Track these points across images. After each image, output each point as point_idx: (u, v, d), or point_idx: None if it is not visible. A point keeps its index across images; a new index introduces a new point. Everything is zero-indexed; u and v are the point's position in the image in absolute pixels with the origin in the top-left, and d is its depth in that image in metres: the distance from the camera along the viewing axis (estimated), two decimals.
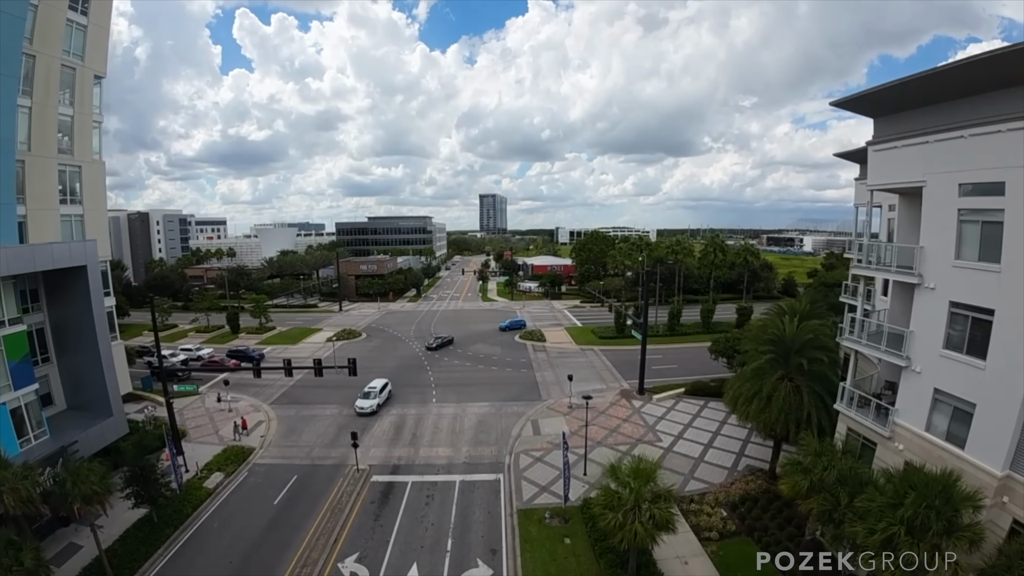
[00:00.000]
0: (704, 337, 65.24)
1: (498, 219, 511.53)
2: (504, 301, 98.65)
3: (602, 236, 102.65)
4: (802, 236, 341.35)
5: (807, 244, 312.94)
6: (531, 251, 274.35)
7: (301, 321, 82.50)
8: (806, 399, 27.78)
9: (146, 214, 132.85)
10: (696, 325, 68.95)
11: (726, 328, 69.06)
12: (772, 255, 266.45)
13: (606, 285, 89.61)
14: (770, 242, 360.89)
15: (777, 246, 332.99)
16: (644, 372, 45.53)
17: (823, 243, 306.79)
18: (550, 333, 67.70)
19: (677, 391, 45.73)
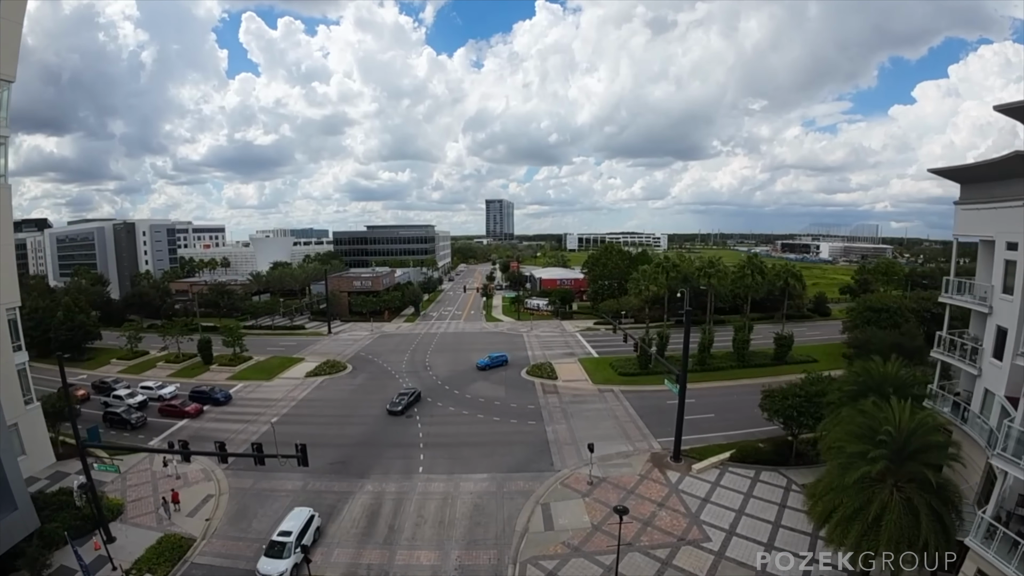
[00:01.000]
0: (741, 373, 56.32)
1: (505, 224, 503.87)
2: (510, 321, 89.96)
3: (617, 249, 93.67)
4: (817, 242, 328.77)
5: (824, 251, 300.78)
6: (539, 258, 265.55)
7: (284, 347, 74.34)
8: (924, 522, 19.06)
9: (132, 224, 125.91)
10: (728, 356, 59.86)
11: (762, 358, 60.25)
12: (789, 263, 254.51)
13: (622, 305, 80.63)
14: (784, 248, 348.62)
15: (792, 253, 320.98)
16: (681, 434, 36.63)
17: (840, 250, 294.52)
18: (562, 367, 58.80)
19: (721, 457, 36.77)
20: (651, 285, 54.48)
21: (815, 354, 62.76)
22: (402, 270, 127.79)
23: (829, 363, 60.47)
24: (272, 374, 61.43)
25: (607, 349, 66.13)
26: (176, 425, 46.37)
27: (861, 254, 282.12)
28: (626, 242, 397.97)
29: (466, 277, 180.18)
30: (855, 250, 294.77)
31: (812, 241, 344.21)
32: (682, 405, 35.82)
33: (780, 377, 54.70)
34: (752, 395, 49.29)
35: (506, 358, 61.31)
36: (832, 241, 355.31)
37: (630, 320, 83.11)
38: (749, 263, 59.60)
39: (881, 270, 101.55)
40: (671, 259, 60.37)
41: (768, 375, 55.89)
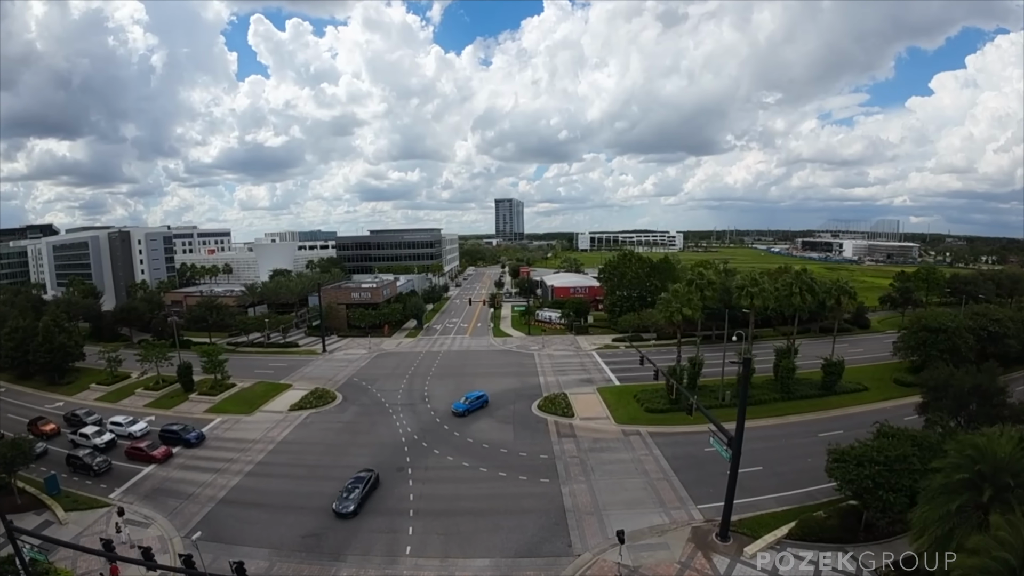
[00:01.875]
0: (786, 408, 48.74)
1: (515, 223, 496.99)
2: (519, 336, 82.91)
3: (636, 257, 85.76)
4: (840, 240, 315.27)
5: (847, 249, 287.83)
6: (550, 260, 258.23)
7: (272, 370, 68.17)
8: None
9: (127, 232, 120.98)
10: (768, 384, 52.24)
11: (807, 386, 52.24)
12: (812, 263, 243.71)
13: (644, 320, 73.32)
14: (805, 247, 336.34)
15: (814, 251, 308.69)
16: (731, 508, 29.38)
17: (864, 248, 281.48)
18: (579, 400, 51.58)
19: (777, 535, 29.46)
20: (684, 308, 46.95)
21: (863, 379, 55.33)
22: (406, 277, 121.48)
23: (881, 391, 53.48)
24: (253, 406, 55.21)
25: (630, 374, 58.82)
26: (142, 472, 40.58)
27: (886, 252, 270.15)
28: (640, 241, 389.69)
29: (474, 282, 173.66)
30: (880, 248, 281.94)
31: (833, 239, 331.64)
32: (735, 475, 28.51)
33: (831, 413, 48.08)
34: (803, 438, 42.14)
35: (486, 399, 51.34)
36: (853, 238, 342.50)
37: (653, 336, 75.81)
38: (797, 279, 51.79)
39: (921, 276, 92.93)
40: (706, 275, 52.51)
41: (817, 408, 49.04)
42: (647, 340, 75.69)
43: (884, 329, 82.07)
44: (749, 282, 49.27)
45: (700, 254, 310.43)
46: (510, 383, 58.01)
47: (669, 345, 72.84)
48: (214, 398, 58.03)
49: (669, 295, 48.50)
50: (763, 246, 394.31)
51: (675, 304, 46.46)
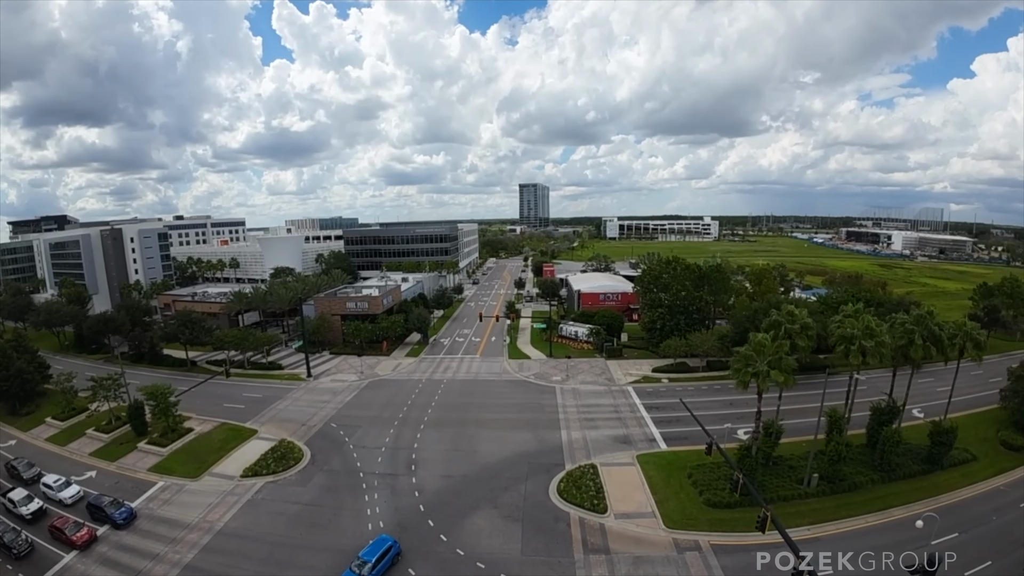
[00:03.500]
0: (889, 494, 35.39)
1: (540, 208, 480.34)
2: (539, 358, 69.65)
3: (682, 265, 69.41)
4: (887, 232, 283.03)
5: (896, 242, 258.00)
6: (576, 250, 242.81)
7: (244, 404, 57.40)
8: None
9: (118, 230, 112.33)
10: (860, 453, 38.29)
11: (908, 456, 37.82)
12: (861, 259, 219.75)
13: (693, 344, 59.04)
14: (849, 237, 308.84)
15: (860, 244, 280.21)
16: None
17: (914, 241, 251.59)
18: (613, 476, 38.22)
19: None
20: (775, 372, 32.88)
21: (964, 437, 41.15)
22: (415, 277, 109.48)
23: (989, 459, 40.32)
24: (203, 465, 44.49)
25: (678, 428, 45.39)
26: (60, 562, 32.82)
27: (938, 247, 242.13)
28: (672, 229, 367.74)
29: (494, 277, 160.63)
30: (931, 242, 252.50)
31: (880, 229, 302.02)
32: None
33: (940, 500, 35.26)
34: (913, 544, 28.66)
35: (397, 550, 30.46)
36: (895, 226, 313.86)
37: (701, 364, 61.66)
38: (919, 326, 37.05)
39: (1006, 291, 75.60)
40: (798, 318, 38.02)
41: (922, 493, 36.02)
42: (695, 369, 61.63)
43: (973, 356, 65.11)
44: (862, 331, 34.53)
45: (739, 245, 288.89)
46: (523, 441, 45.06)
47: (723, 378, 58.94)
48: (163, 449, 47.89)
49: (749, 349, 34.35)
50: (804, 235, 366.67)
51: (760, 366, 32.26)
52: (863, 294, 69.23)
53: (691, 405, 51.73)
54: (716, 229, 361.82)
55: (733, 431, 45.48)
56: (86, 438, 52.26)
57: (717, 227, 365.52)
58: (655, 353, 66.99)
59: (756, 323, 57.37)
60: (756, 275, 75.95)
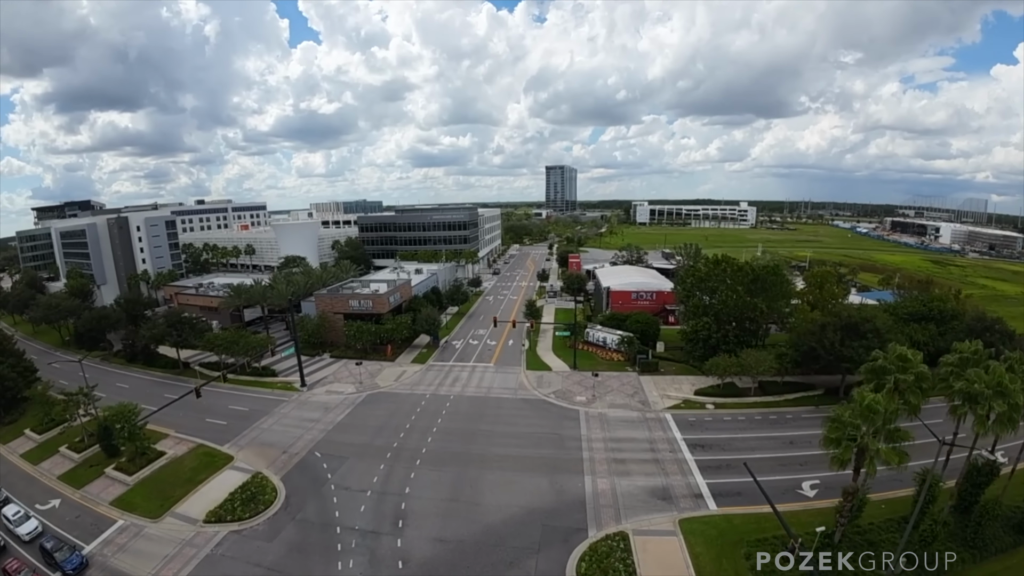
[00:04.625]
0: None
1: (567, 191, 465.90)
2: (562, 369, 60.81)
3: (734, 267, 58.01)
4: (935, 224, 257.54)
5: (944, 235, 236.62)
6: (604, 237, 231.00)
7: (226, 420, 51.19)
8: None
9: (124, 218, 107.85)
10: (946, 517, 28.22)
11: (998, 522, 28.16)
12: (909, 252, 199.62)
13: (746, 365, 49.12)
14: (894, 227, 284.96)
15: (907, 235, 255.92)
16: None
17: (964, 235, 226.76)
18: (648, 554, 29.21)
19: None
20: (888, 453, 23.30)
21: None
22: (430, 268, 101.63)
23: None
24: (169, 501, 38.70)
25: (731, 479, 36.15)
26: None
27: (988, 242, 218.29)
28: (706, 215, 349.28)
29: (516, 266, 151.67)
30: (981, 237, 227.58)
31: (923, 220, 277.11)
32: None
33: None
34: None
35: None
36: (938, 217, 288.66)
37: (752, 385, 51.84)
38: None
39: None
40: (913, 366, 27.95)
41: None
42: (745, 392, 51.81)
43: None
44: (992, 389, 24.25)
45: (778, 233, 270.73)
46: (537, 490, 36.57)
47: (779, 405, 49.11)
48: (129, 478, 42.26)
49: (851, 414, 24.61)
50: (845, 224, 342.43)
51: (869, 440, 22.57)
52: (935, 305, 57.97)
53: (743, 442, 42.88)
54: (753, 215, 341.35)
55: (796, 485, 36.14)
56: (59, 456, 47.75)
57: (754, 213, 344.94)
58: (697, 368, 57.36)
59: (824, 342, 47.39)
60: (817, 278, 64.70)
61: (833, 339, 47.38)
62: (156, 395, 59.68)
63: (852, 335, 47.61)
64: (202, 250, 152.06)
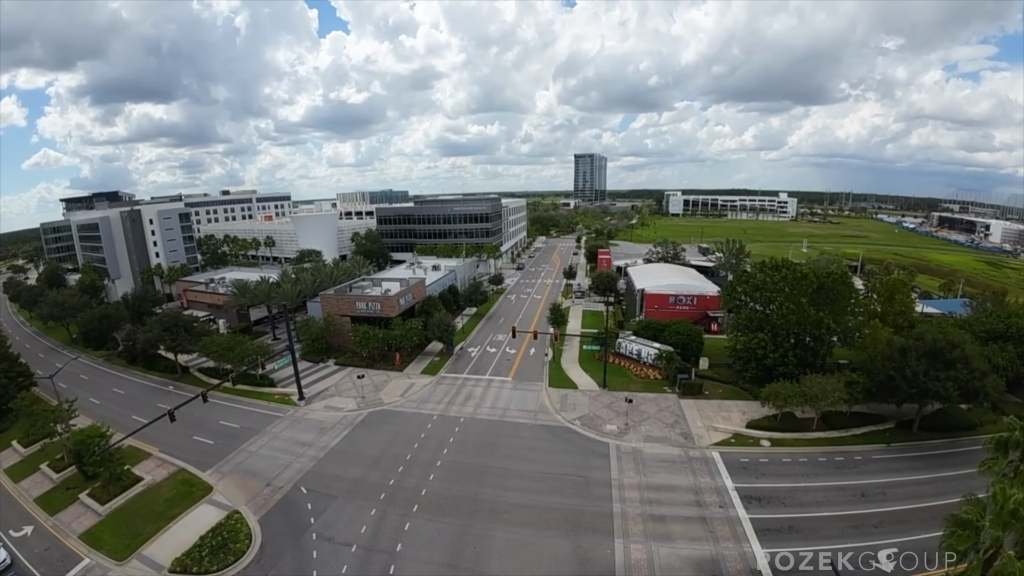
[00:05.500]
0: None
1: (596, 179, 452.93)
2: (589, 388, 53.38)
3: (798, 273, 48.10)
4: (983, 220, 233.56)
5: (994, 232, 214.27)
6: (636, 229, 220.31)
7: (213, 440, 46.23)
8: None
9: (137, 211, 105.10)
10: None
11: None
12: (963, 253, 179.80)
13: (809, 393, 40.75)
14: (942, 223, 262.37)
15: (956, 232, 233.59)
16: None
17: (1014, 234, 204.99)
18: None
19: None
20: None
21: None
22: (448, 265, 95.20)
23: None
24: (137, 540, 34.04)
25: (795, 546, 28.42)
26: None
27: None
28: (743, 206, 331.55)
29: (542, 260, 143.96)
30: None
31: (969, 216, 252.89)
32: None
33: None
34: None
35: None
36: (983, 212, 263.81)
37: (813, 415, 43.43)
38: None
39: None
40: None
41: None
42: (805, 425, 43.47)
43: None
44: None
45: (821, 227, 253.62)
46: (555, 557, 29.44)
47: (844, 443, 40.66)
48: (102, 507, 37.86)
49: (971, 509, 16.63)
50: (891, 218, 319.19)
51: (1006, 560, 14.66)
52: (1014, 322, 48.77)
53: (806, 494, 34.82)
54: (793, 207, 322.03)
55: (872, 555, 28.33)
56: (40, 474, 43.95)
57: (794, 205, 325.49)
58: (748, 392, 49.11)
59: (906, 372, 38.68)
60: (886, 287, 55.07)
61: (916, 369, 38.67)
62: (151, 404, 55.48)
63: (938, 363, 38.88)
64: (222, 242, 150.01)
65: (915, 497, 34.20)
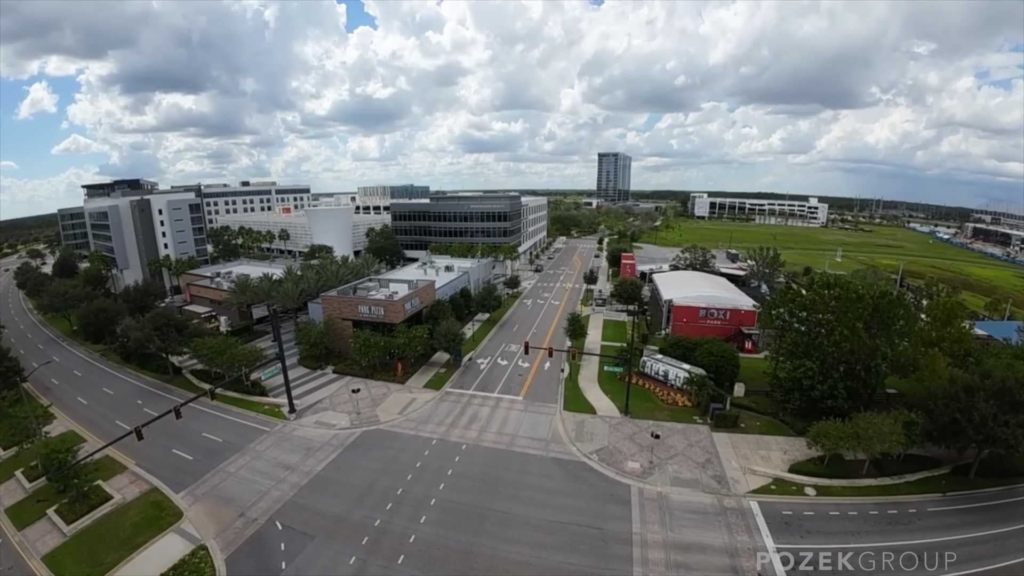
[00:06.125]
0: None
1: (620, 179, 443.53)
2: (609, 413, 47.62)
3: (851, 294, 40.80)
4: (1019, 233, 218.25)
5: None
6: (660, 232, 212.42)
7: (193, 455, 42.42)
8: None
9: (146, 201, 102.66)
10: None
11: None
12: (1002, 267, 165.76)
13: (864, 432, 34.42)
14: (976, 235, 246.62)
15: (991, 245, 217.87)
16: None
17: None
18: None
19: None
20: None
21: None
22: (462, 265, 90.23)
23: None
24: (99, 569, 30.77)
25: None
26: None
27: None
28: (771, 210, 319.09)
29: (561, 263, 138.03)
30: None
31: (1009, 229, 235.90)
32: None
33: None
34: None
35: None
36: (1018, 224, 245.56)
37: (864, 458, 37.08)
38: None
39: None
40: None
41: None
42: (855, 470, 37.22)
43: None
44: None
45: (854, 235, 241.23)
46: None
47: (897, 492, 34.32)
48: (68, 526, 34.67)
49: None
50: (923, 227, 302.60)
51: None
52: None
53: (856, 557, 28.87)
54: (824, 213, 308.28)
55: None
56: (14, 481, 41.02)
57: (825, 211, 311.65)
58: (789, 426, 42.99)
59: (973, 416, 32.54)
60: (943, 310, 48.15)
61: (985, 412, 32.74)
62: (137, 409, 52.16)
63: (1008, 406, 33.10)
64: (236, 233, 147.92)
65: (975, 559, 29.07)
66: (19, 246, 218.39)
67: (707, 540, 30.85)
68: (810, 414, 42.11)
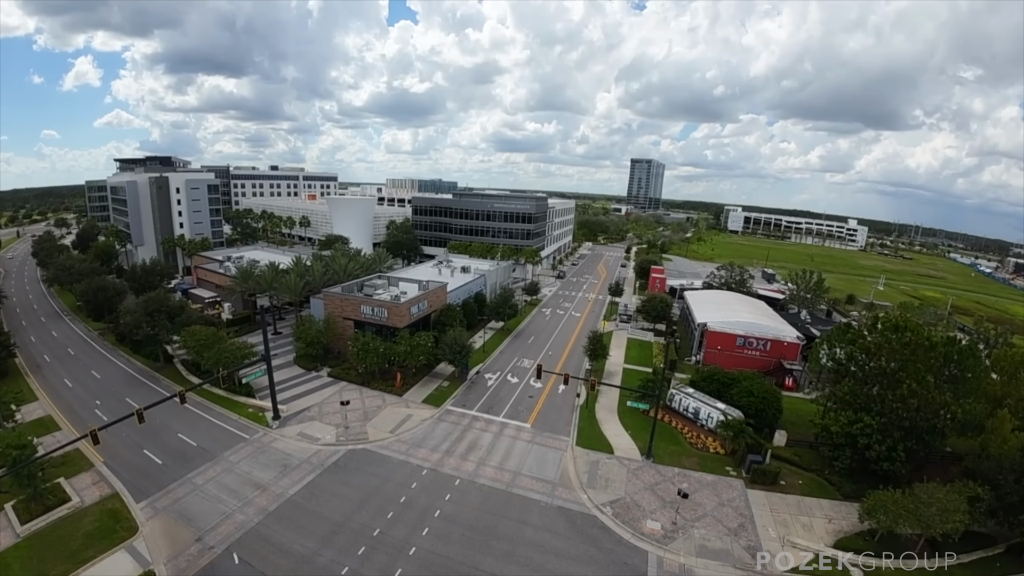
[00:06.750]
0: None
1: (651, 187, 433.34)
2: (629, 455, 41.69)
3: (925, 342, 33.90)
4: None
5: None
6: (692, 244, 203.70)
7: (162, 460, 38.65)
8: None
9: (165, 178, 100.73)
10: None
11: None
12: None
13: (926, 522, 28.02)
14: (1018, 271, 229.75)
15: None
16: None
17: None
18: None
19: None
20: None
21: None
22: (479, 268, 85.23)
23: None
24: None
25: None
26: None
27: None
28: (808, 229, 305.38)
29: (585, 270, 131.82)
30: None
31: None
32: None
33: None
34: None
35: None
36: None
37: (919, 534, 30.49)
38: None
39: None
40: None
41: None
42: (909, 548, 30.65)
43: None
44: None
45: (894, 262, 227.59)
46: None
47: None
48: (21, 527, 31.69)
49: None
50: (964, 258, 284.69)
51: None
52: None
53: None
54: (863, 236, 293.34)
55: None
56: None
57: (864, 234, 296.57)
58: (834, 484, 36.67)
59: None
60: (1011, 363, 40.87)
61: None
62: (119, 399, 48.90)
63: None
64: (258, 216, 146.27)
65: None
66: (49, 214, 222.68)
67: None
68: (860, 475, 36.08)
